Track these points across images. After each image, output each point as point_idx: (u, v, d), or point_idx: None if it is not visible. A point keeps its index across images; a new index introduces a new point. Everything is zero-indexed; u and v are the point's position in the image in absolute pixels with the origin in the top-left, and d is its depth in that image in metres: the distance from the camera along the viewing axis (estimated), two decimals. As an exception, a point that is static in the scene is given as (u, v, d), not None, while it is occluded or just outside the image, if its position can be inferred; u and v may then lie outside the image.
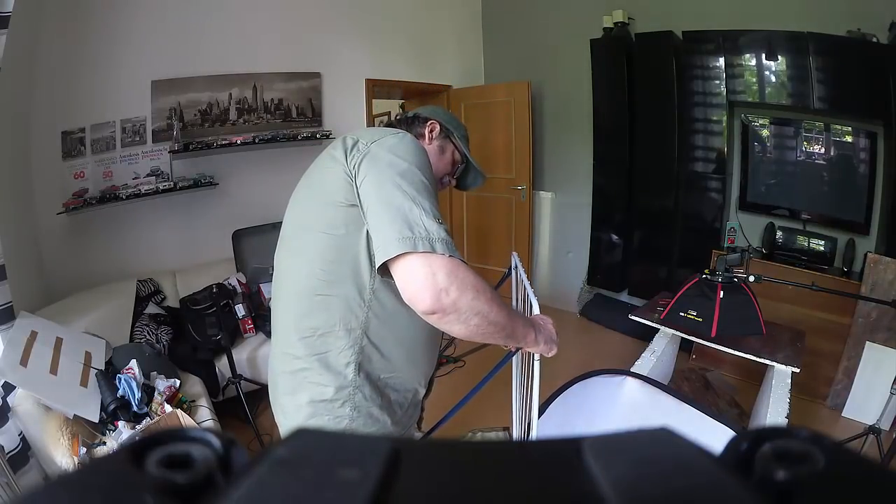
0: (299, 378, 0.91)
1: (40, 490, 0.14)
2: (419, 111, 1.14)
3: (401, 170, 0.82)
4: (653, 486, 0.14)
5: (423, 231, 0.76)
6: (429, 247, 0.75)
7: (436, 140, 1.11)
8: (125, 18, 2.57)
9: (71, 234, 2.54)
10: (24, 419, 1.64)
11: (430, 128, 1.11)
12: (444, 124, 1.12)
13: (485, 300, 0.78)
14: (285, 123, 3.19)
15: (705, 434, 1.31)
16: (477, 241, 4.20)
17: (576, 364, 2.53)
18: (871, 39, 2.32)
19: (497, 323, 0.81)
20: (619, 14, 3.11)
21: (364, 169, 0.84)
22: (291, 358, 0.91)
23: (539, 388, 0.95)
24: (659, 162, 3.10)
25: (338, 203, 0.85)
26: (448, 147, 1.13)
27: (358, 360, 0.89)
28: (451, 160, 1.14)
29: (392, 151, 0.85)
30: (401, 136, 0.89)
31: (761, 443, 0.16)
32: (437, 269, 0.75)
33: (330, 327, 0.88)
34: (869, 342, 2.32)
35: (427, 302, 0.75)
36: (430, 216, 0.78)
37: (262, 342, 2.56)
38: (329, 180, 0.88)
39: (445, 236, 0.77)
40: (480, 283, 0.79)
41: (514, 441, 1.04)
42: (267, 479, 0.15)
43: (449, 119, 1.14)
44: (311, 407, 0.90)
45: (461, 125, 1.16)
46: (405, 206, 0.78)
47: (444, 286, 0.74)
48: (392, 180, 0.81)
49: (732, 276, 1.89)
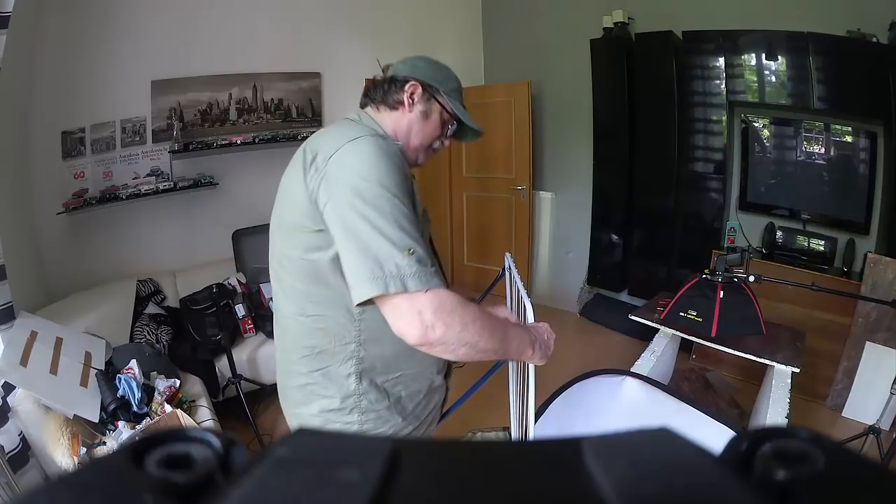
0: (307, 391, 0.94)
1: (40, 490, 0.14)
2: (397, 70, 0.99)
3: (361, 192, 0.77)
4: (653, 486, 0.14)
5: (392, 268, 0.74)
6: (400, 286, 0.73)
7: (418, 105, 0.97)
8: (125, 18, 2.57)
9: (71, 234, 2.54)
10: (24, 419, 1.64)
11: (410, 91, 0.96)
12: (426, 82, 0.97)
13: (473, 331, 0.78)
14: (285, 123, 3.19)
15: (705, 434, 1.31)
16: (477, 241, 4.19)
17: (576, 364, 2.53)
18: (871, 39, 2.32)
19: (487, 350, 0.81)
20: (619, 14, 3.11)
21: (323, 194, 0.80)
22: (297, 374, 0.95)
23: (535, 389, 0.94)
24: (659, 162, 3.10)
25: (307, 228, 0.84)
26: (433, 109, 0.98)
27: (358, 370, 0.90)
28: (440, 121, 1.00)
29: (349, 170, 0.79)
30: (358, 144, 0.81)
31: (761, 443, 0.16)
32: (422, 308, 0.75)
33: (326, 344, 0.90)
34: (869, 342, 2.31)
35: (414, 338, 0.76)
36: (398, 247, 0.74)
37: (262, 342, 2.56)
38: (296, 204, 0.85)
39: (417, 269, 0.74)
40: (468, 313, 0.78)
41: (514, 441, 1.04)
42: (267, 480, 0.15)
43: (433, 73, 0.99)
44: (322, 416, 0.93)
45: (450, 75, 1.01)
46: (372, 241, 0.75)
47: (430, 323, 0.74)
48: (353, 208, 0.76)
49: (732, 276, 1.89)
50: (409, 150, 0.99)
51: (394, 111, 0.98)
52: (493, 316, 0.85)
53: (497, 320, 0.84)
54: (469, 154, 3.97)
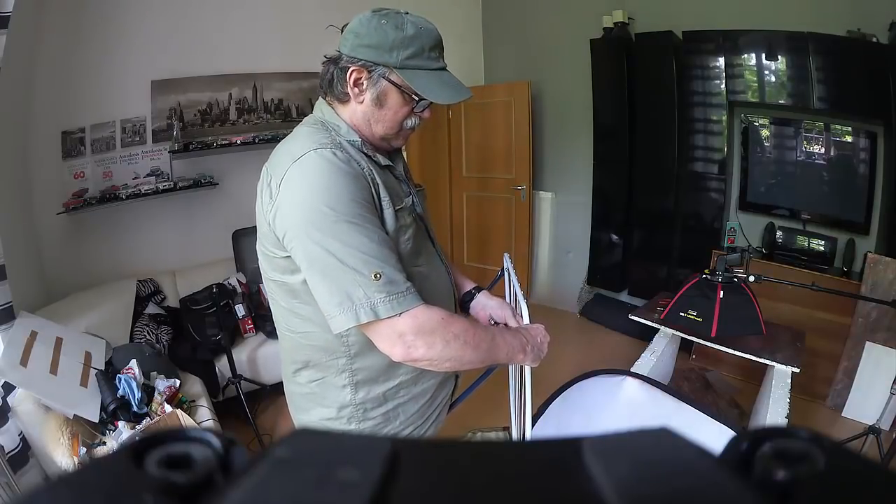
0: (307, 399, 0.95)
1: (40, 490, 0.14)
2: (341, 46, 0.83)
3: (315, 223, 0.74)
4: (653, 486, 0.14)
5: (361, 297, 0.73)
6: (371, 315, 0.73)
7: (367, 92, 0.82)
8: (125, 18, 2.57)
9: (71, 234, 2.54)
10: (24, 419, 1.64)
11: (354, 78, 0.82)
12: (370, 63, 0.80)
13: (456, 347, 0.78)
14: (285, 123, 3.19)
15: (705, 434, 1.31)
16: (477, 241, 4.19)
17: (576, 364, 2.53)
18: (871, 39, 2.32)
19: (473, 361, 0.81)
20: (619, 14, 3.10)
21: (280, 226, 0.78)
22: (296, 384, 0.96)
23: (532, 390, 0.94)
24: (659, 162, 3.10)
25: (276, 255, 0.83)
26: (388, 92, 0.82)
27: (353, 382, 0.90)
28: (402, 100, 0.83)
29: (299, 199, 0.76)
30: (302, 165, 0.76)
31: (761, 443, 0.16)
32: (403, 330, 0.75)
33: (318, 359, 0.90)
34: (869, 342, 2.31)
35: (398, 357, 0.77)
36: (363, 275, 0.73)
37: (262, 342, 2.56)
38: (262, 233, 0.85)
39: (386, 293, 0.73)
40: (451, 330, 0.77)
41: (514, 441, 1.04)
42: (267, 480, 0.15)
43: (379, 39, 0.78)
44: (322, 425, 0.94)
45: (404, 36, 0.78)
46: (335, 272, 0.73)
47: (411, 343, 0.75)
48: (311, 239, 0.74)
49: (732, 276, 1.89)
50: (374, 140, 0.88)
51: (344, 104, 0.86)
52: (479, 327, 0.84)
53: (482, 331, 0.83)
54: (469, 154, 3.97)
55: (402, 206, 0.87)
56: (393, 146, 0.93)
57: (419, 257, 0.91)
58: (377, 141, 0.89)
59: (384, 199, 0.83)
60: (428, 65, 0.82)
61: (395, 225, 0.84)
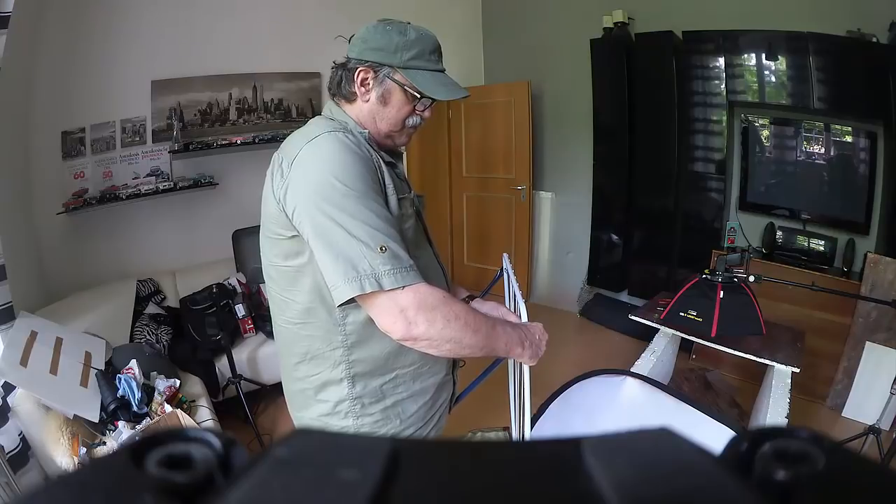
0: (306, 396, 0.95)
1: (40, 490, 0.14)
2: (349, 51, 0.91)
3: (325, 195, 0.76)
4: (653, 486, 0.14)
5: (366, 268, 0.74)
6: (375, 285, 0.74)
7: (373, 91, 0.89)
8: (125, 18, 2.57)
9: (71, 234, 2.54)
10: (24, 419, 1.64)
11: (360, 79, 0.89)
12: (376, 63, 0.87)
13: (457, 327, 0.78)
14: (285, 123, 3.19)
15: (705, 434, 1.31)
16: (477, 241, 4.19)
17: (576, 364, 2.53)
18: (871, 39, 2.32)
19: (472, 346, 0.81)
20: (619, 14, 3.11)
21: (290, 201, 0.80)
22: (295, 380, 0.96)
23: (531, 389, 0.94)
24: (659, 162, 3.10)
25: (283, 236, 0.85)
26: (392, 90, 0.89)
27: (350, 374, 0.90)
28: (405, 99, 0.90)
29: (310, 173, 0.79)
30: (316, 144, 0.80)
31: (761, 443, 0.16)
32: (405, 305, 0.75)
33: (316, 351, 0.90)
34: (869, 342, 2.31)
35: (398, 334, 0.77)
36: (369, 246, 0.75)
37: (262, 342, 2.56)
38: (269, 215, 0.87)
39: (391, 266, 0.75)
40: (451, 310, 0.78)
41: (514, 441, 1.04)
42: (267, 480, 0.15)
43: (384, 43, 0.87)
44: (320, 421, 0.94)
45: (407, 40, 0.87)
46: (343, 243, 0.75)
47: (412, 319, 0.75)
48: (320, 211, 0.76)
49: (732, 276, 1.89)
50: (379, 137, 0.93)
51: (352, 103, 0.92)
52: (479, 313, 0.85)
53: (482, 317, 0.84)
54: (469, 154, 3.97)
55: (404, 197, 0.91)
56: (397, 144, 0.97)
57: (417, 250, 0.92)
58: (382, 139, 0.94)
59: (389, 186, 0.86)
60: (428, 66, 0.90)
61: (398, 212, 0.87)
